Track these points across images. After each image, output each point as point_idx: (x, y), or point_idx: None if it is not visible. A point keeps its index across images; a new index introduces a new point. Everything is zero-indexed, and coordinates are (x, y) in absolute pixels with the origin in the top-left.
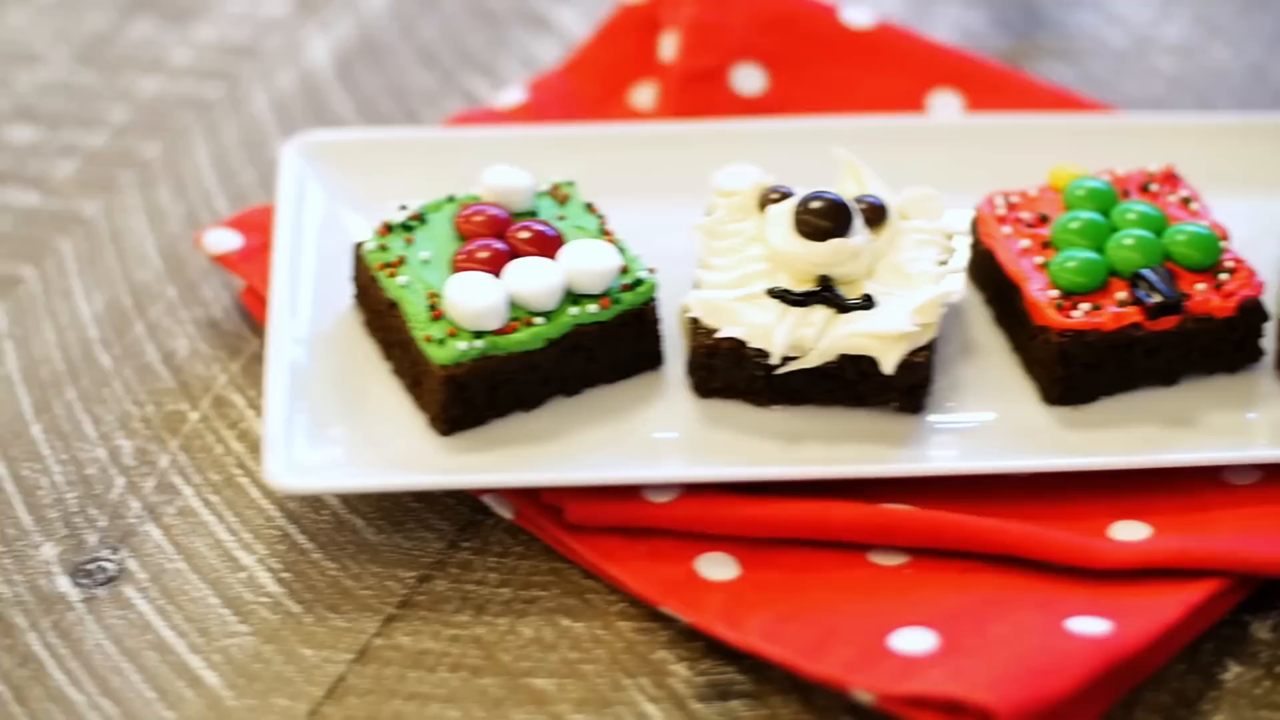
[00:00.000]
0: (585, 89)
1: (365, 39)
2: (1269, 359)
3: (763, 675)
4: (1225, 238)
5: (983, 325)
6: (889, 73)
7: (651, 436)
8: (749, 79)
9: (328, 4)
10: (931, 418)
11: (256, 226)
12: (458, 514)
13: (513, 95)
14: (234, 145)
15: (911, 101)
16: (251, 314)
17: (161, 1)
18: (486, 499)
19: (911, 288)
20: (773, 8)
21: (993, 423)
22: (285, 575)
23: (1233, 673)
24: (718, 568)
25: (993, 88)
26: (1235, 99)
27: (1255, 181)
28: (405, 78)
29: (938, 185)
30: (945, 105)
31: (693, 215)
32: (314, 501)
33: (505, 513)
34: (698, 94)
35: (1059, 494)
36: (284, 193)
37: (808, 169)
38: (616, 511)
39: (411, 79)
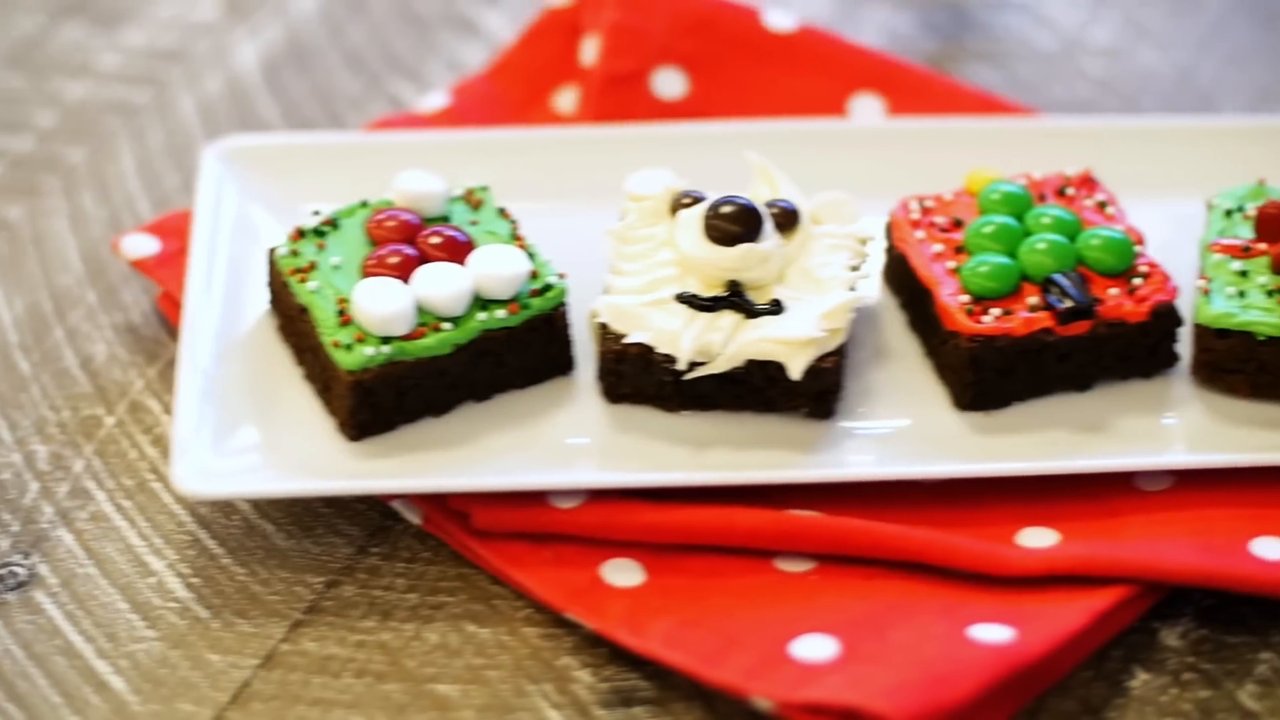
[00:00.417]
0: (509, 93)
1: (293, 43)
2: (1185, 364)
3: (666, 682)
4: (1141, 242)
5: (897, 330)
6: (810, 76)
7: (559, 442)
8: (669, 83)
9: (257, 9)
10: (842, 423)
11: (175, 232)
12: (367, 519)
13: (435, 99)
14: (159, 150)
15: (833, 105)
16: (168, 319)
17: (91, 6)
18: (395, 504)
19: (822, 293)
20: (694, 11)
21: (904, 428)
22: (194, 580)
23: (1140, 680)
24: (623, 574)
25: (915, 91)
26: (1162, 102)
27: (1176, 185)
28: (331, 82)
29: (859, 189)
30: (867, 109)
31: (610, 220)
32: (225, 507)
33: (414, 518)
34: (618, 98)
35: (969, 500)
36: (202, 198)
37: (726, 173)
38: (522, 517)
39: (338, 83)
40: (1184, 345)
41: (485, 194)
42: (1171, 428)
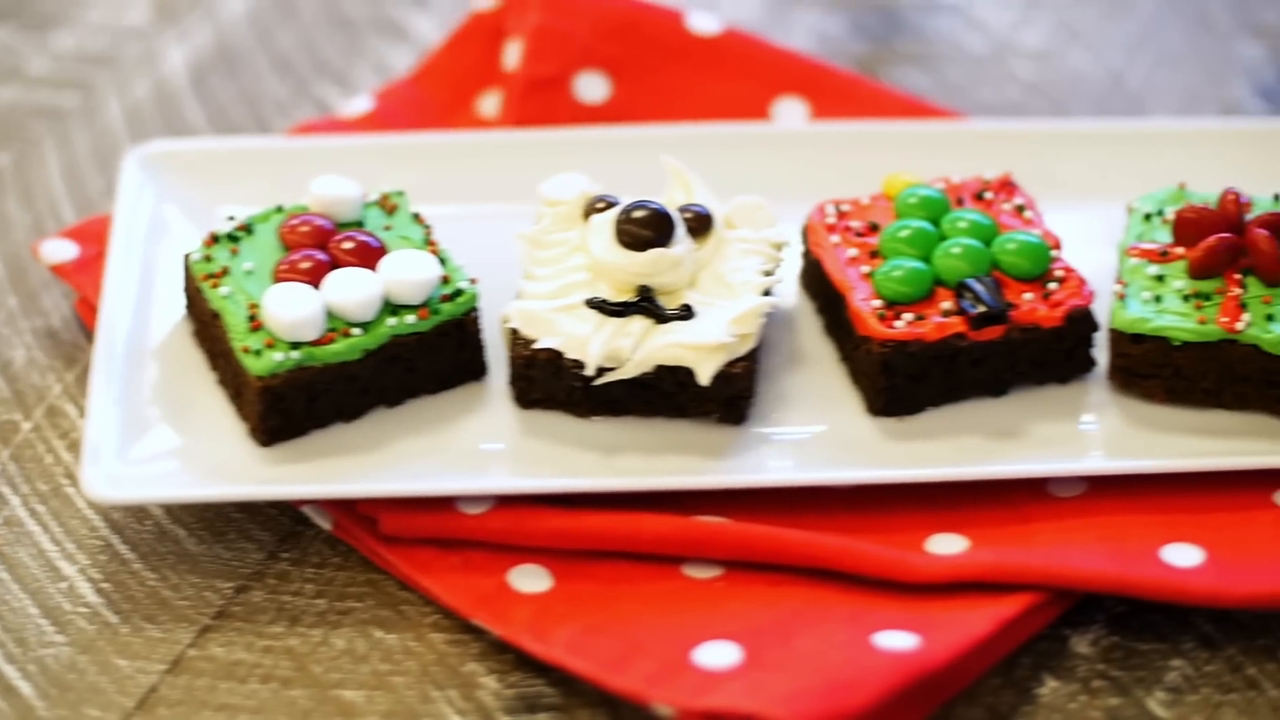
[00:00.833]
0: (433, 97)
1: (222, 48)
2: (1102, 369)
3: (571, 689)
4: (1058, 246)
5: (813, 335)
6: (734, 79)
7: (469, 447)
8: (592, 87)
9: (188, 13)
10: (754, 428)
11: (94, 237)
12: (279, 525)
13: (360, 104)
14: (85, 155)
15: (756, 108)
16: (86, 325)
17: (22, 9)
18: (306, 509)
19: (733, 298)
20: (618, 15)
21: (816, 434)
22: (105, 586)
23: (1049, 687)
24: (530, 580)
25: (839, 95)
26: (1091, 105)
27: (1100, 188)
28: (259, 86)
29: (782, 193)
30: (790, 112)
31: (528, 225)
32: (138, 512)
33: (324, 524)
34: (540, 102)
35: (880, 506)
36: (122, 203)
37: (647, 177)
38: (429, 523)
39: (265, 88)
40: (1101, 350)
41: (401, 199)
42: (1086, 433)
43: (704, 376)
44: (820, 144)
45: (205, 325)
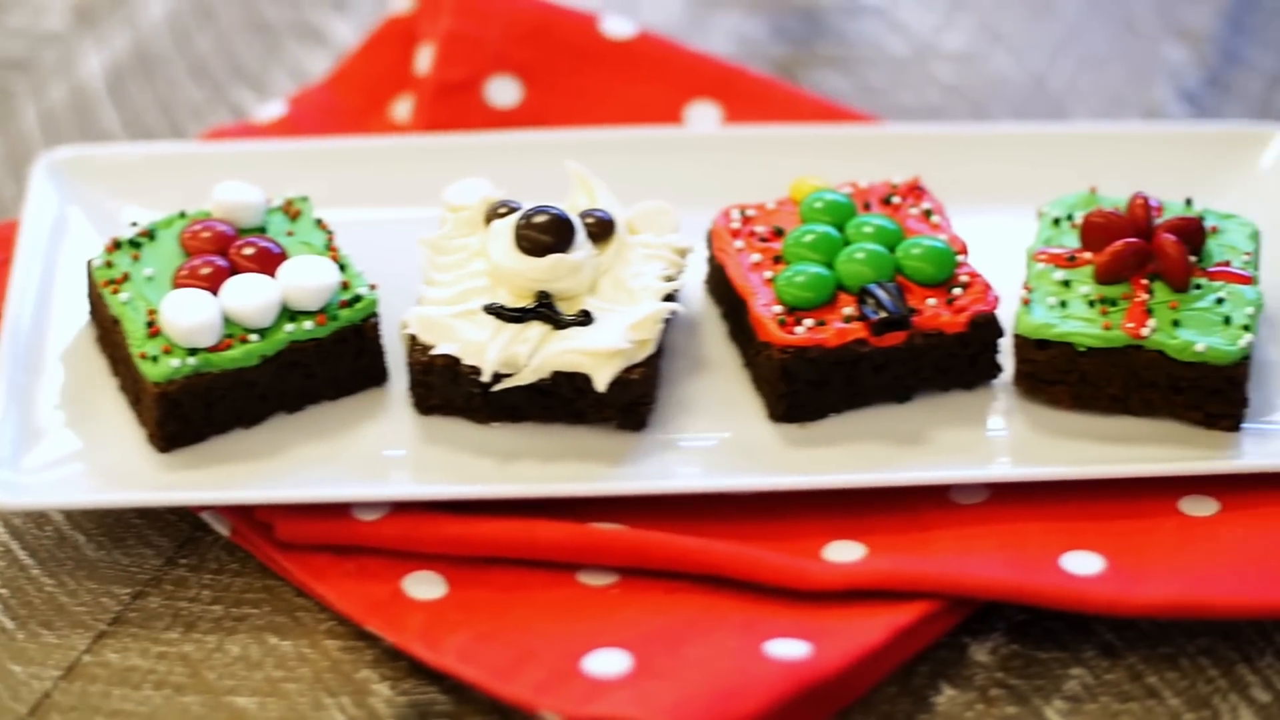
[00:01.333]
0: (347, 102)
1: (140, 53)
2: (1009, 375)
3: (463, 696)
4: (964, 251)
5: (717, 341)
6: (647, 83)
7: (366, 454)
8: (503, 91)
9: (106, 18)
10: (655, 435)
11: (4, 242)
12: (178, 530)
13: (273, 109)
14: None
15: (669, 112)
16: None
17: None
18: (204, 515)
19: (634, 303)
20: (531, 18)
21: (717, 440)
22: (2, 592)
23: (946, 696)
24: (425, 587)
25: (753, 98)
26: (1012, 108)
27: (1015, 192)
28: (175, 91)
29: (693, 197)
30: (703, 116)
31: (434, 230)
32: (38, 517)
33: (223, 530)
34: (451, 106)
35: (779, 513)
36: (29, 209)
37: (556, 182)
38: (324, 529)
39: (181, 93)
40: (1007, 356)
41: (304, 205)
42: (989, 440)
43: (601, 382)
44: (732, 148)
45: (107, 331)
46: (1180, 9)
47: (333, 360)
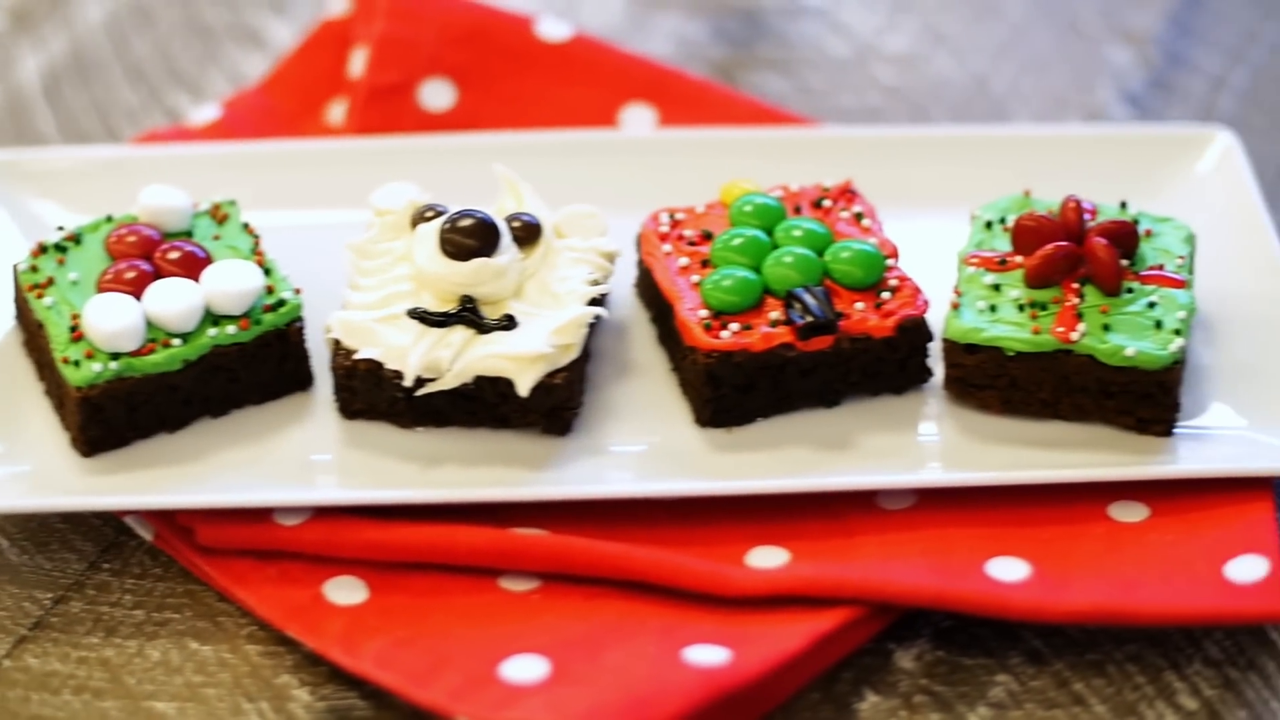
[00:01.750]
0: (282, 106)
1: (77, 55)
2: (939, 379)
3: (383, 702)
4: (894, 255)
5: (646, 345)
6: (582, 86)
7: (289, 458)
8: (437, 94)
9: (44, 21)
10: (580, 440)
11: None
12: (102, 535)
13: (207, 112)
14: None
15: (604, 115)
16: None
17: None
18: (128, 520)
19: (558, 307)
20: (466, 21)
21: (643, 445)
22: None
23: (869, 702)
24: (346, 592)
25: (689, 101)
26: (952, 111)
27: (950, 195)
28: (111, 95)
29: (627, 201)
30: (638, 119)
31: (362, 234)
32: None
33: (146, 534)
34: (383, 110)
35: (703, 518)
36: None
37: (488, 186)
38: (245, 534)
39: (117, 96)
40: (938, 361)
41: (232, 209)
42: (917, 445)
43: (523, 387)
44: (667, 151)
45: (32, 335)
46: (1125, 11)
47: (256, 365)
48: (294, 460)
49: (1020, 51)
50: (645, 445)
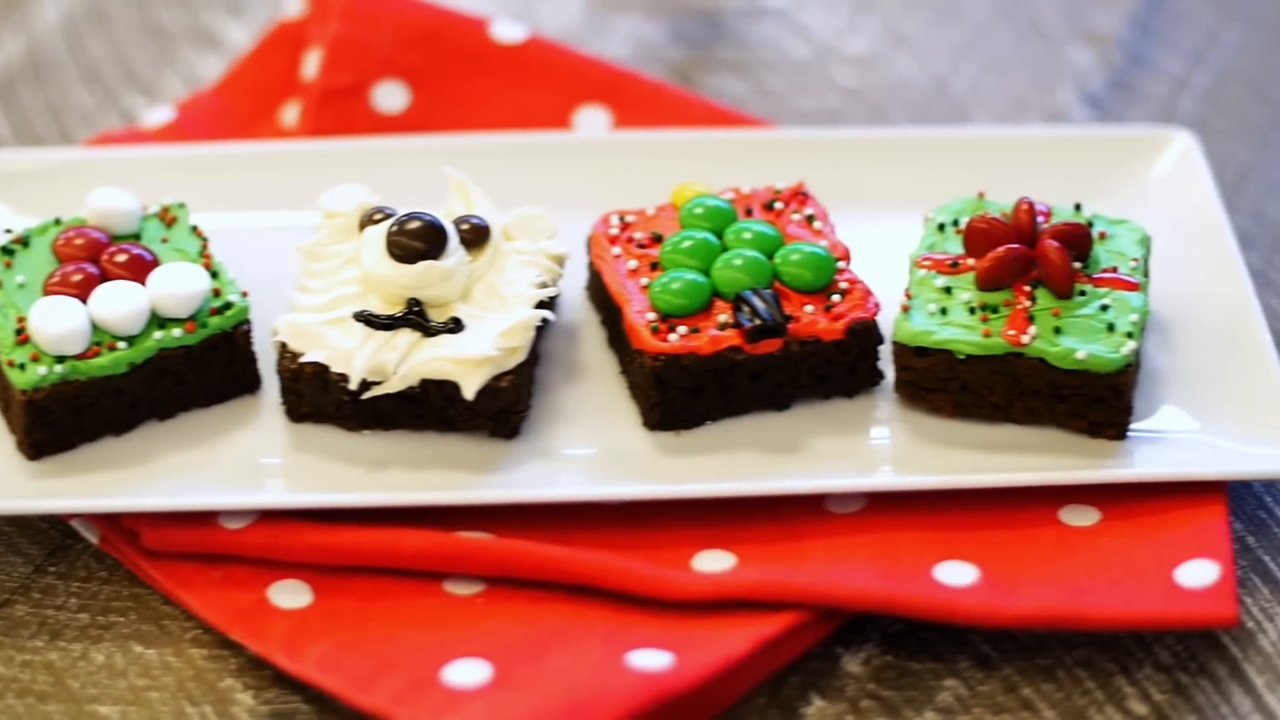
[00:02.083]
0: (236, 108)
1: (33, 57)
2: (890, 382)
3: (326, 706)
4: (846, 258)
5: (596, 348)
6: (536, 88)
7: (236, 461)
8: (390, 96)
9: (1, 23)
10: (527, 443)
11: None
12: (48, 538)
13: (161, 115)
14: None
15: (559, 118)
16: None
17: None
18: (74, 523)
19: (505, 310)
20: (421, 22)
21: (590, 448)
22: None
23: (815, 707)
24: (290, 595)
25: (644, 103)
26: (911, 112)
27: (906, 197)
28: (67, 97)
29: (580, 203)
30: (592, 121)
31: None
32: None
33: (92, 537)
34: (337, 112)
35: (650, 522)
36: None
37: (439, 188)
38: (189, 537)
39: (72, 98)
40: (889, 364)
41: (181, 211)
42: (867, 448)
43: (469, 390)
44: (620, 153)
45: None
46: (1087, 12)
47: (203, 368)
48: (240, 463)
49: (981, 52)
50: (593, 448)
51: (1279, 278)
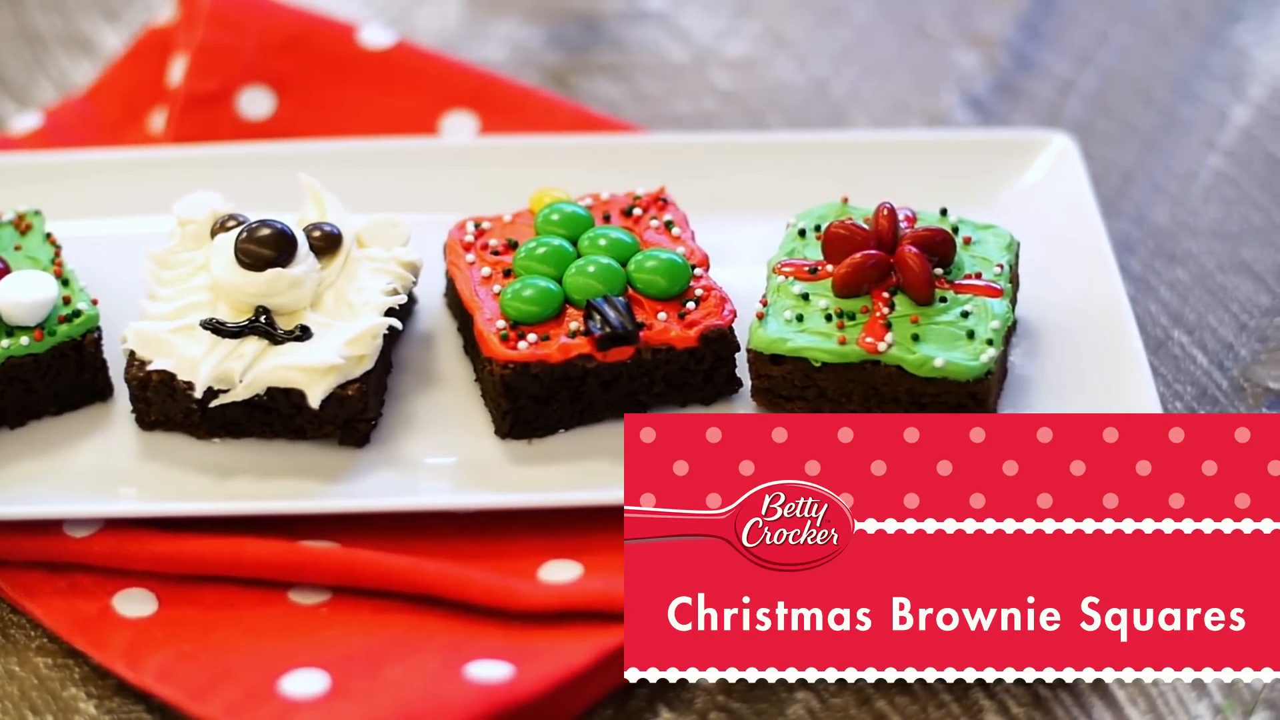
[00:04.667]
0: (104, 114)
1: None
2: (747, 389)
3: (169, 715)
4: (704, 265)
5: (453, 355)
6: (403, 94)
7: (83, 470)
8: (256, 102)
9: None
10: (378, 451)
11: None
12: None
13: (29, 121)
14: None
15: (425, 123)
16: None
17: None
18: None
19: (354, 318)
20: (287, 28)
21: (441, 457)
22: None
23: (663, 719)
24: (135, 604)
25: (511, 108)
26: (789, 116)
27: (773, 203)
28: None
29: (444, 209)
30: (460, 127)
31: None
32: None
33: None
34: (201, 119)
35: (499, 531)
36: None
37: (299, 195)
38: (33, 546)
39: None
40: (744, 370)
41: (36, 219)
42: None
43: (314, 398)
44: (484, 159)
45: None
46: (974, 14)
47: (52, 376)
48: (88, 471)
49: (864, 55)
50: (444, 457)
51: (1160, 283)
